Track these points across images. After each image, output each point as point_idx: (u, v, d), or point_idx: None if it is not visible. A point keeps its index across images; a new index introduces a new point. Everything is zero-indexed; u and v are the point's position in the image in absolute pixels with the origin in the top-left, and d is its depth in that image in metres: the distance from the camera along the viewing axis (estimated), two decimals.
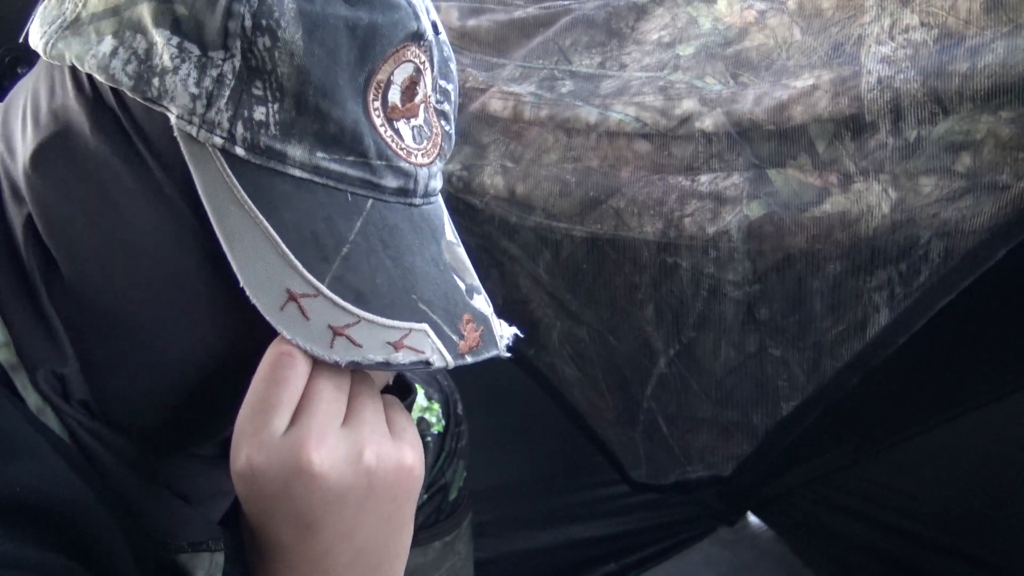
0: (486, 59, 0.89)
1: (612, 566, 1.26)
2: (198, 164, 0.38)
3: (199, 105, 0.37)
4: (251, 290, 0.38)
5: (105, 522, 0.37)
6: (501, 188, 0.86)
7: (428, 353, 0.40)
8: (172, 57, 0.37)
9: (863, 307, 0.80)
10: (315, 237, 0.38)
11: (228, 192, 0.37)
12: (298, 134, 0.38)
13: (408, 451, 0.42)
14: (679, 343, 0.90)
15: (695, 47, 0.83)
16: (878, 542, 1.12)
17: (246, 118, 0.37)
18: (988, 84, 0.69)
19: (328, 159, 0.39)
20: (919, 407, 0.97)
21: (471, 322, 0.42)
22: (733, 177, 0.79)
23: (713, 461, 1.00)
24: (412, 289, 0.40)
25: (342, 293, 0.38)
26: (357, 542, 0.41)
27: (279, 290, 0.38)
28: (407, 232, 0.41)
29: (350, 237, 0.39)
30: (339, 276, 0.38)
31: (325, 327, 0.38)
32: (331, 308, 0.38)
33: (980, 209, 0.72)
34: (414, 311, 0.40)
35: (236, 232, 0.38)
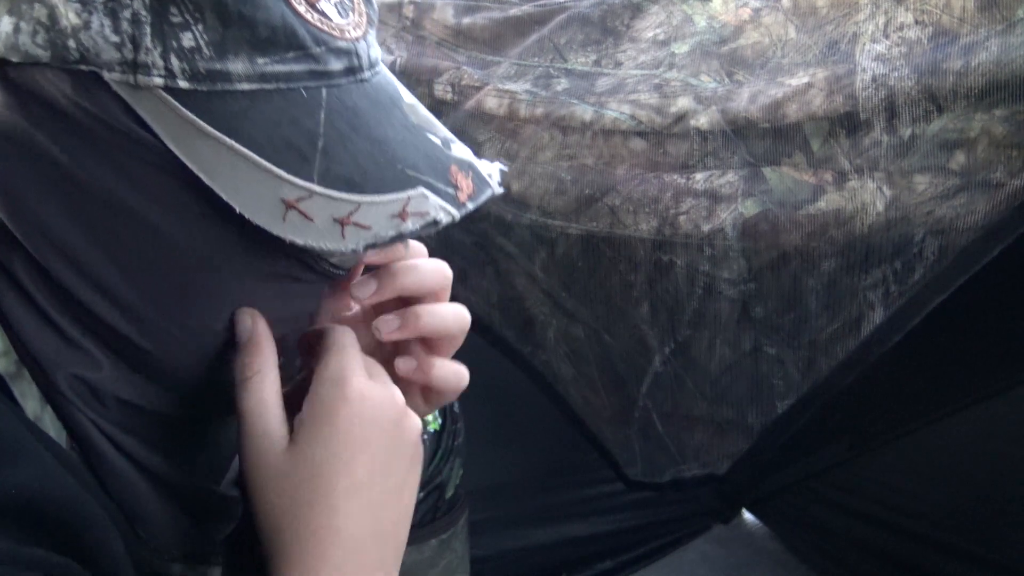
0: (481, 57, 0.89)
1: (608, 564, 1.26)
2: (148, 111, 0.37)
3: (126, 52, 0.36)
4: (248, 212, 0.37)
5: (102, 523, 0.37)
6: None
7: (433, 212, 0.40)
8: (78, 13, 0.35)
9: (858, 305, 0.81)
10: (287, 142, 0.38)
11: (188, 128, 0.37)
12: (233, 48, 0.37)
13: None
14: (674, 341, 0.91)
15: (690, 45, 0.83)
16: (873, 539, 1.12)
17: (176, 48, 0.36)
18: (982, 82, 0.70)
19: (270, 63, 0.38)
20: (914, 404, 0.97)
21: (459, 172, 0.43)
22: (728, 175, 0.80)
23: (708, 459, 1.00)
24: (395, 160, 0.40)
25: (333, 185, 0.38)
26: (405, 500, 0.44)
27: (274, 203, 0.37)
28: (368, 109, 0.41)
29: (320, 131, 0.39)
30: (324, 170, 0.38)
31: (330, 221, 0.38)
32: (329, 202, 0.38)
33: (974, 207, 0.72)
34: (405, 180, 0.40)
35: (211, 163, 0.37)
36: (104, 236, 0.39)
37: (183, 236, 0.39)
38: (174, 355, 0.42)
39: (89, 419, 0.41)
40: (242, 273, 0.41)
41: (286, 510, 0.40)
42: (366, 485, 0.41)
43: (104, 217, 0.38)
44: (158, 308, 0.40)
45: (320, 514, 0.40)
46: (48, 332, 0.40)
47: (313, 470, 0.40)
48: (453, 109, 0.88)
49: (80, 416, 0.41)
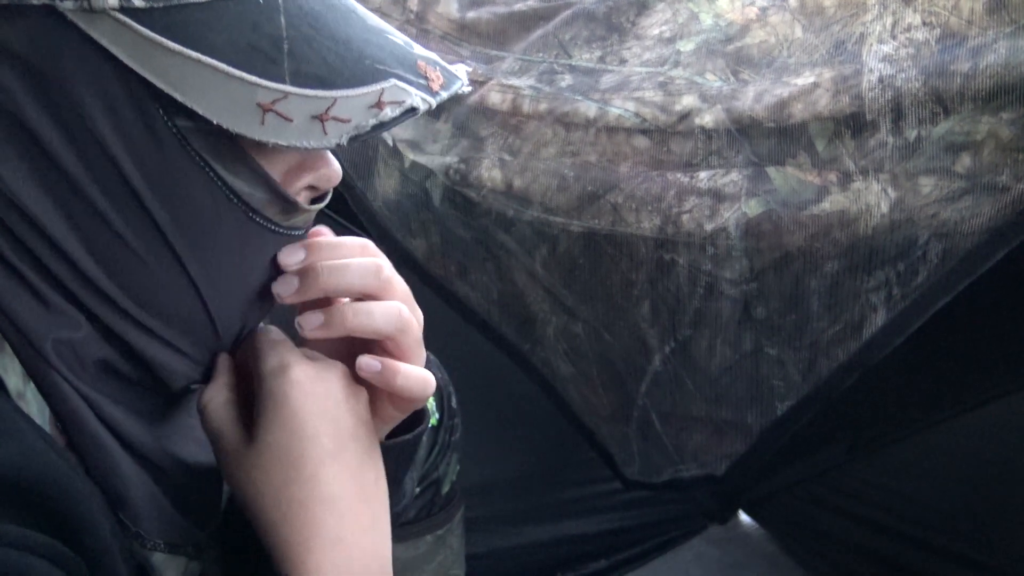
0: (485, 52, 0.89)
1: (603, 563, 1.26)
2: (107, 36, 0.36)
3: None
4: (226, 122, 0.37)
5: (87, 501, 0.37)
6: (499, 181, 0.86)
7: (409, 100, 0.41)
8: None
9: (860, 307, 0.80)
10: (252, 46, 0.38)
11: (150, 47, 0.36)
12: None
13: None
14: (674, 340, 0.90)
15: (696, 43, 0.83)
16: (869, 542, 1.12)
17: None
18: (990, 85, 0.69)
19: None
20: (913, 408, 0.97)
21: (427, 66, 0.43)
22: (732, 174, 0.79)
23: (707, 460, 1.00)
24: (362, 57, 0.40)
25: (305, 83, 0.38)
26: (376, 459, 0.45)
27: (250, 108, 0.37)
28: (326, 12, 0.41)
29: (283, 34, 0.39)
30: (295, 71, 0.38)
31: (309, 119, 0.38)
32: (305, 101, 0.38)
33: (979, 210, 0.72)
34: (375, 73, 0.40)
35: (179, 79, 0.36)
36: (79, 179, 0.38)
37: (155, 167, 0.38)
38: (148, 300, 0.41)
39: (73, 386, 0.40)
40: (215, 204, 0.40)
41: (268, 498, 0.41)
42: (336, 452, 0.42)
43: (78, 159, 0.37)
44: (133, 251, 0.39)
45: (300, 487, 0.41)
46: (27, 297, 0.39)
47: (279, 452, 0.41)
48: (456, 104, 0.87)
49: (65, 385, 0.40)
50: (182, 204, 0.39)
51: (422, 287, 0.99)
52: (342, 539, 0.41)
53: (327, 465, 0.42)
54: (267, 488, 0.42)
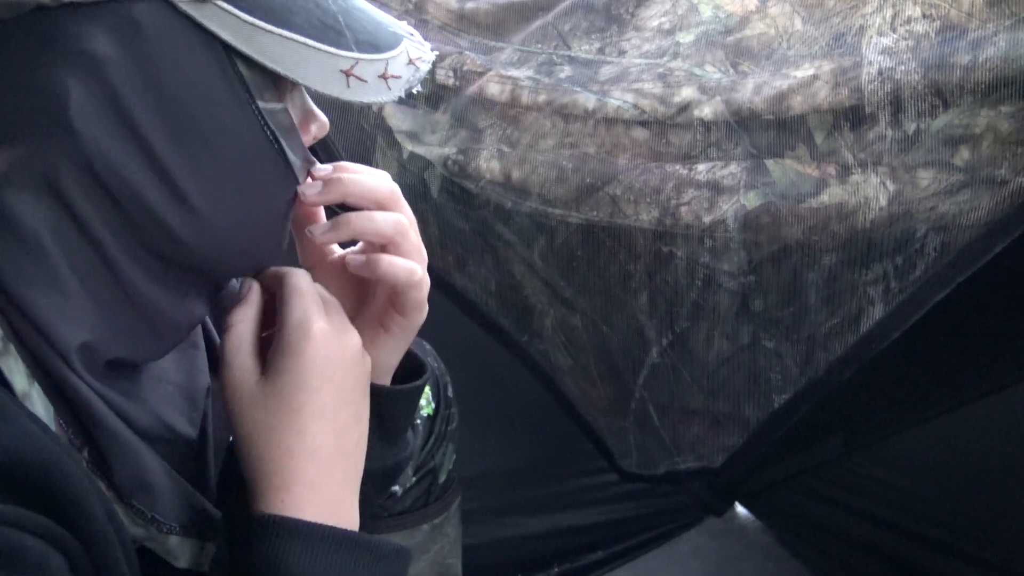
0: (484, 42, 0.88)
1: (600, 554, 1.26)
2: (216, 23, 0.41)
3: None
4: (319, 86, 0.44)
5: (81, 483, 0.38)
6: (497, 173, 0.86)
7: (425, 56, 0.49)
8: None
9: (858, 300, 0.80)
10: (323, 23, 0.44)
11: (253, 30, 0.42)
12: None
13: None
14: (672, 333, 0.90)
15: (695, 35, 0.83)
16: (865, 534, 1.12)
17: None
18: (989, 78, 0.69)
19: None
20: (911, 401, 0.97)
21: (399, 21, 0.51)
22: (731, 166, 0.79)
23: (703, 452, 1.00)
24: (380, 23, 0.48)
25: (366, 50, 0.46)
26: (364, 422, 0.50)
27: (337, 75, 0.45)
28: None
29: (334, 8, 0.46)
30: (356, 40, 0.46)
31: (377, 79, 0.46)
32: (371, 64, 0.46)
33: (977, 203, 0.72)
34: (395, 37, 0.48)
35: (280, 56, 0.43)
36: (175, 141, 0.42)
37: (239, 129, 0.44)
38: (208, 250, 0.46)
39: (90, 386, 0.43)
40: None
41: (261, 432, 0.46)
42: (331, 410, 0.47)
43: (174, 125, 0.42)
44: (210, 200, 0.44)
45: (291, 435, 0.46)
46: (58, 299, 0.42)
47: (282, 398, 0.46)
48: (455, 94, 0.87)
49: (83, 387, 0.42)
50: (241, 170, 0.45)
51: None
52: (316, 485, 0.46)
53: (320, 420, 0.46)
54: (263, 428, 0.46)
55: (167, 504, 0.46)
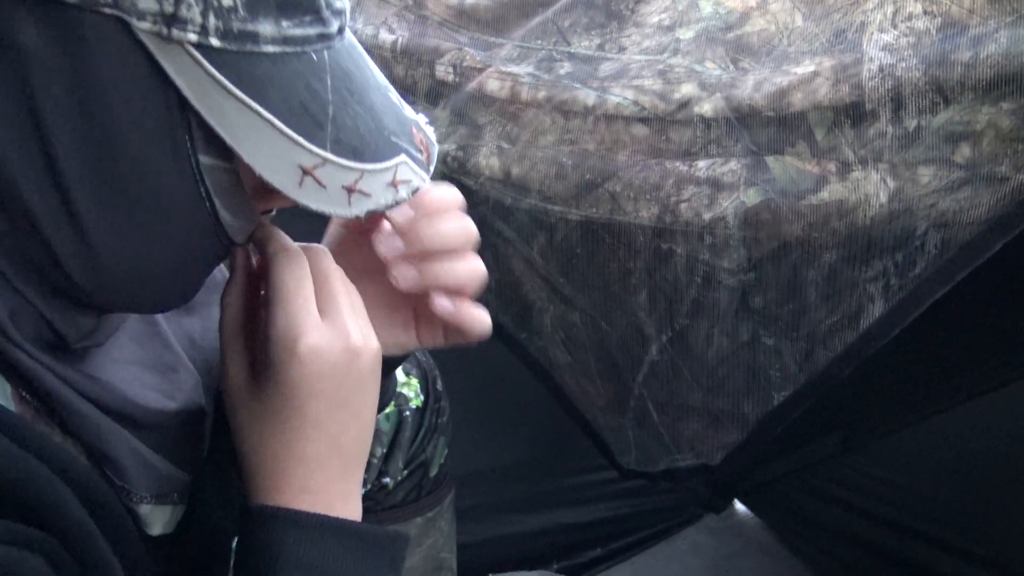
0: (484, 38, 0.88)
1: (598, 551, 1.26)
2: (173, 64, 0.36)
3: (167, 5, 0.35)
4: (267, 175, 0.39)
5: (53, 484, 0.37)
6: (496, 169, 0.85)
7: (415, 180, 0.43)
8: None
9: (858, 298, 0.80)
10: (304, 108, 0.39)
11: (214, 87, 0.37)
12: (263, 10, 0.37)
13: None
14: (671, 330, 0.90)
15: (695, 31, 0.82)
16: (864, 531, 1.12)
17: (216, 8, 0.36)
18: (990, 74, 0.69)
19: (292, 26, 0.38)
20: (910, 399, 0.97)
21: (418, 132, 0.45)
22: (731, 163, 0.79)
23: (703, 449, 1.00)
24: (382, 127, 0.42)
25: (343, 154, 0.40)
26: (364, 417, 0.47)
27: (292, 168, 0.39)
28: (354, 71, 0.42)
29: (329, 98, 0.40)
30: (335, 139, 0.40)
31: (339, 189, 0.40)
32: (339, 171, 0.40)
33: (978, 200, 0.72)
34: (392, 148, 0.42)
35: (234, 124, 0.37)
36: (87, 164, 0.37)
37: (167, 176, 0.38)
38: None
39: (32, 356, 0.40)
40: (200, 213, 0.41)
41: (250, 435, 0.45)
42: (322, 421, 0.44)
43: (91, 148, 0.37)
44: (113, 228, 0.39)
45: (278, 444, 0.44)
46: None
47: (268, 409, 0.44)
48: (454, 91, 0.87)
49: (22, 355, 0.40)
50: (158, 217, 0.40)
51: None
52: (308, 487, 0.45)
53: (309, 430, 0.44)
54: (251, 431, 0.45)
55: (133, 475, 0.45)
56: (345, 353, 0.44)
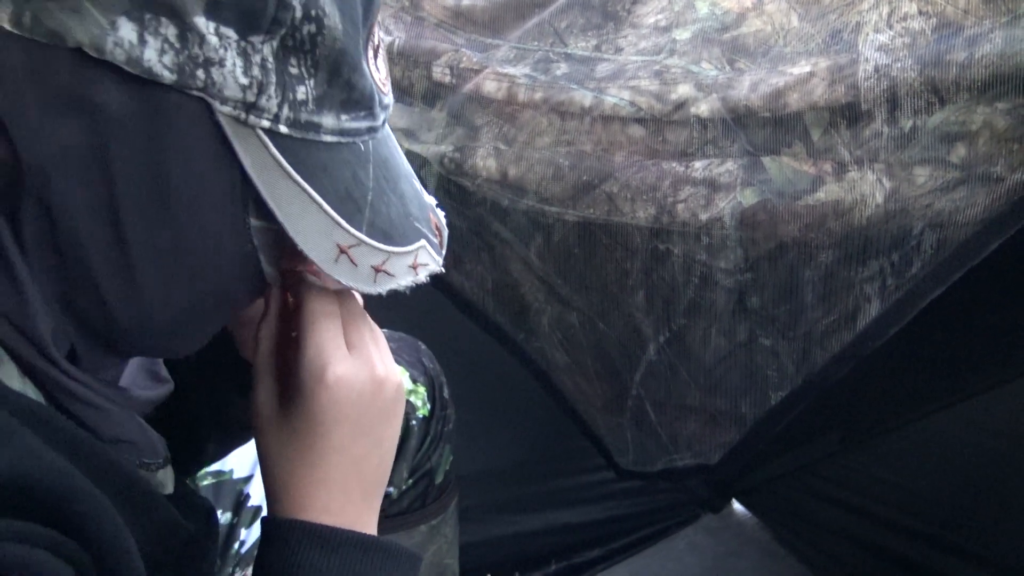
0: (480, 40, 0.88)
1: (597, 552, 1.26)
2: (242, 144, 0.40)
3: (249, 94, 0.38)
4: (308, 249, 0.42)
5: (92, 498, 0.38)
6: (493, 171, 0.85)
7: (432, 264, 0.48)
8: (214, 47, 0.37)
9: (854, 298, 0.80)
10: (348, 193, 0.43)
11: (275, 167, 0.40)
12: (328, 104, 0.41)
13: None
14: (669, 330, 0.90)
15: (692, 32, 0.82)
16: (861, 531, 1.13)
17: (291, 101, 0.40)
18: (985, 74, 0.69)
19: (350, 119, 0.43)
20: (907, 398, 0.97)
21: (434, 216, 0.49)
22: (727, 164, 0.79)
23: (700, 449, 1.00)
24: (409, 213, 0.47)
25: (376, 237, 0.44)
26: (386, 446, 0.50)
27: (330, 245, 0.43)
28: (390, 158, 0.47)
29: (370, 185, 0.44)
30: (371, 222, 0.44)
31: (369, 268, 0.44)
32: (371, 252, 0.44)
33: (974, 200, 0.72)
34: (415, 232, 0.47)
35: (285, 200, 0.41)
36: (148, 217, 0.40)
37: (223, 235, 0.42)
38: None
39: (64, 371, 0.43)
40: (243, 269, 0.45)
41: (276, 457, 0.48)
42: (345, 447, 0.47)
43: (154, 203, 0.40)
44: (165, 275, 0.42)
45: (303, 466, 0.47)
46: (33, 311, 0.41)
47: (295, 433, 0.47)
48: (451, 92, 0.87)
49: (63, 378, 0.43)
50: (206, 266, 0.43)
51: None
52: (330, 509, 0.47)
53: (333, 455, 0.47)
54: (278, 453, 0.48)
55: (146, 447, 0.48)
56: (370, 383, 0.48)
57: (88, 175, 0.38)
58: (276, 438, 0.48)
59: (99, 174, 0.38)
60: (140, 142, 0.38)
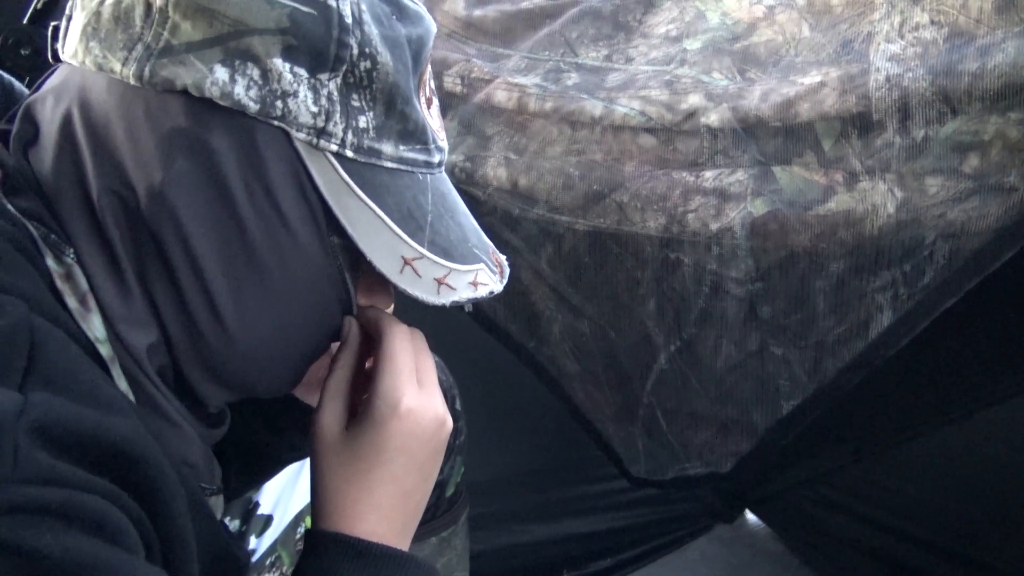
0: (492, 50, 0.89)
1: (608, 561, 1.26)
2: (316, 166, 0.46)
3: (318, 121, 0.46)
4: (376, 261, 0.48)
5: (172, 480, 0.41)
6: (504, 180, 0.86)
7: (492, 285, 0.53)
8: (290, 83, 0.45)
9: (866, 307, 0.80)
10: (410, 213, 0.49)
11: (344, 187, 0.47)
12: (387, 134, 0.48)
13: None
14: (680, 339, 0.90)
15: (702, 42, 0.83)
16: (875, 542, 1.12)
17: (354, 128, 0.47)
18: (998, 84, 0.69)
19: (407, 150, 0.49)
20: (921, 409, 0.96)
21: (494, 253, 0.55)
22: (738, 174, 0.79)
23: (712, 458, 1.00)
24: (467, 240, 0.52)
25: (436, 252, 0.50)
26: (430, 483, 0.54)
27: (396, 258, 0.49)
28: (448, 194, 0.53)
29: (429, 208, 0.50)
30: (432, 240, 0.50)
31: (432, 280, 0.50)
32: (432, 265, 0.49)
33: (986, 211, 0.72)
34: (474, 256, 0.52)
35: (355, 218, 0.47)
36: (235, 245, 0.46)
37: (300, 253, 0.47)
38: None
39: (155, 384, 0.48)
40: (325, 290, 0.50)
41: (333, 478, 0.51)
42: (400, 477, 0.51)
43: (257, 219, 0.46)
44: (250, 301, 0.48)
45: (359, 490, 0.50)
46: (132, 321, 0.47)
47: (358, 458, 0.50)
48: (462, 102, 0.87)
49: (153, 391, 0.48)
50: (307, 278, 0.49)
51: None
52: (375, 533, 0.50)
53: (388, 485, 0.51)
54: (336, 475, 0.51)
55: (204, 473, 0.53)
56: (434, 421, 0.52)
57: (198, 200, 0.45)
58: (337, 459, 0.51)
59: (208, 199, 0.45)
60: (241, 169, 0.45)
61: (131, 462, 0.38)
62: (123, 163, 0.45)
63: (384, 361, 0.52)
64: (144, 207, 0.45)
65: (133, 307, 0.46)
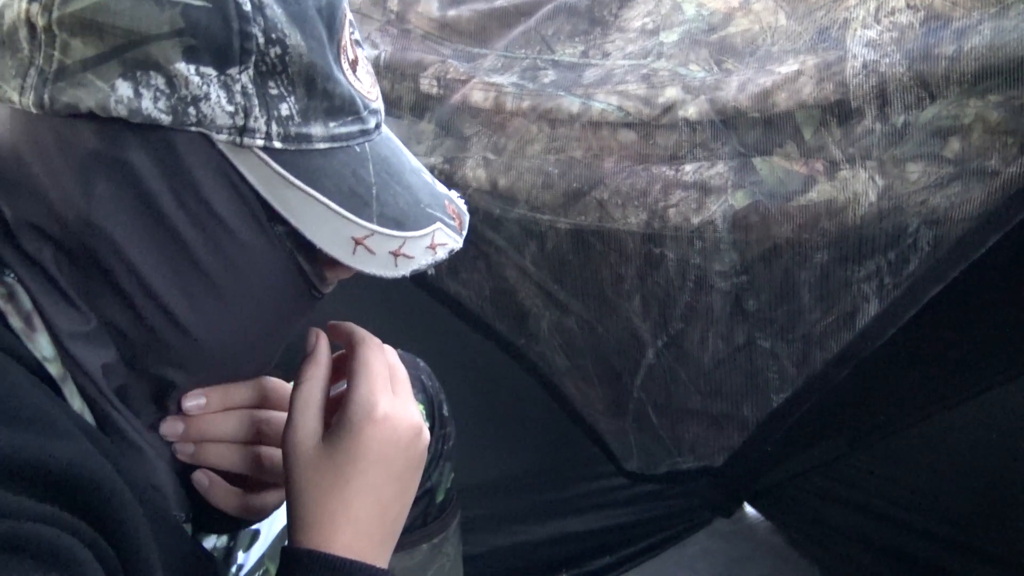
0: (467, 50, 0.88)
1: (608, 559, 1.25)
2: (245, 164, 0.45)
3: (237, 120, 0.44)
4: (325, 247, 0.47)
5: (127, 502, 0.41)
6: (483, 181, 0.85)
7: (451, 243, 0.51)
8: (198, 86, 0.43)
9: (852, 298, 0.79)
10: (352, 190, 0.47)
11: (279, 179, 0.45)
12: (313, 115, 0.46)
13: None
14: (667, 334, 0.89)
15: (679, 34, 0.82)
16: (875, 533, 1.11)
17: (276, 117, 0.44)
18: (975, 67, 0.68)
19: (338, 126, 0.47)
20: (912, 398, 0.96)
21: (450, 204, 0.53)
22: (718, 166, 0.78)
23: (704, 452, 0.99)
24: (419, 201, 0.51)
25: (387, 224, 0.48)
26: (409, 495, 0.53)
27: (345, 240, 0.47)
28: (391, 157, 0.51)
29: (373, 180, 0.48)
30: (380, 213, 0.48)
31: (387, 254, 0.49)
32: (385, 239, 0.48)
33: (969, 196, 0.71)
34: (428, 217, 0.51)
35: (295, 208, 0.46)
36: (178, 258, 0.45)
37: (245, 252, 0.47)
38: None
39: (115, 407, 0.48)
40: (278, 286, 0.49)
41: (309, 492, 0.50)
42: (377, 487, 0.50)
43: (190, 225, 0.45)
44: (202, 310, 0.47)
45: (336, 502, 0.49)
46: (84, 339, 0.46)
47: (334, 469, 0.50)
48: (439, 103, 0.87)
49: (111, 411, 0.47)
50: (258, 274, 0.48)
51: (414, 288, 0.98)
52: (352, 547, 0.49)
53: (365, 495, 0.50)
54: (311, 488, 0.50)
55: (173, 499, 0.52)
56: (411, 429, 0.51)
57: (129, 221, 0.44)
58: (314, 472, 0.50)
59: (140, 216, 0.44)
60: (167, 182, 0.44)
61: (80, 486, 0.37)
62: (46, 195, 0.44)
63: (358, 368, 0.51)
64: (78, 235, 0.44)
65: (84, 326, 0.46)
